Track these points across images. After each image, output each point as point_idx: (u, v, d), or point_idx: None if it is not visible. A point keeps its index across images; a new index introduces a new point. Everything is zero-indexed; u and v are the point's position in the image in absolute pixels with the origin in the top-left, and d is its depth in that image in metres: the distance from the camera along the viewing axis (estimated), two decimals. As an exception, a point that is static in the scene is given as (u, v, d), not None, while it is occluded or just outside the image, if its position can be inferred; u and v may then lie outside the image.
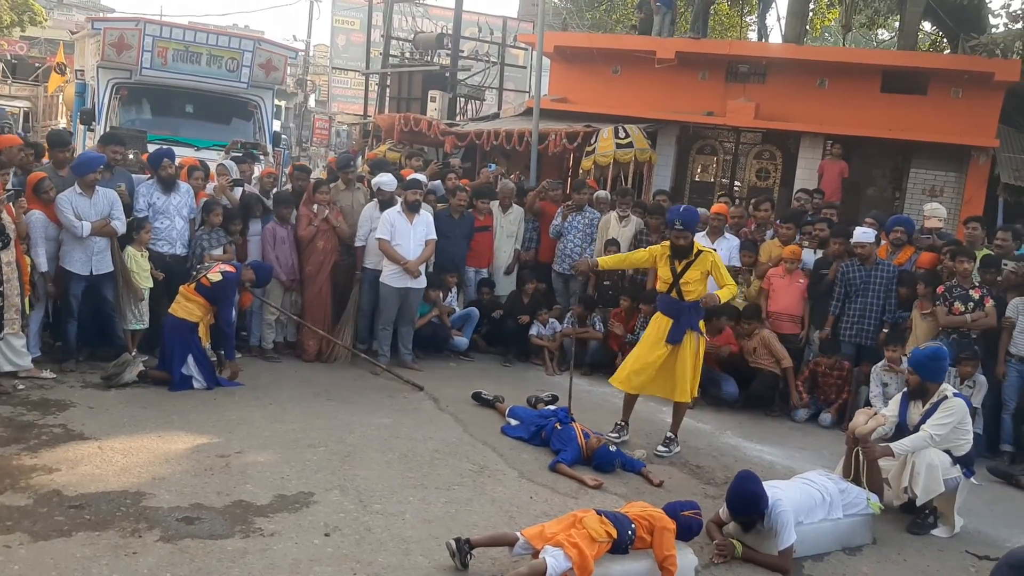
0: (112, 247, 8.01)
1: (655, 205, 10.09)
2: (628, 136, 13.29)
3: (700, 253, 7.04)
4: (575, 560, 4.47)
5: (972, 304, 8.00)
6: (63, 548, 4.60)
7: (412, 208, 8.91)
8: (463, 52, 20.74)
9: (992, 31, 15.01)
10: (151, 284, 8.32)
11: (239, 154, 10.73)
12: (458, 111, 18.85)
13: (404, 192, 9.01)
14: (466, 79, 20.40)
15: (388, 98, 20.45)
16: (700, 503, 5.51)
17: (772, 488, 5.49)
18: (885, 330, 8.61)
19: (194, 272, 8.02)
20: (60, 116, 22.50)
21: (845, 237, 9.04)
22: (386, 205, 9.04)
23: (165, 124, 12.94)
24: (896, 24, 20.30)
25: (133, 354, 7.95)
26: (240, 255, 8.86)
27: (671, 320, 7.05)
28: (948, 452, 6.05)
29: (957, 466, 6.10)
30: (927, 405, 6.17)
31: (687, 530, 5.06)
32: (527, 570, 4.46)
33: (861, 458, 6.08)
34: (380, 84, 21.81)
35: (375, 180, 9.50)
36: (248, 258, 8.88)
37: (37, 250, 7.61)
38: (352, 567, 4.71)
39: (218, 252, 8.60)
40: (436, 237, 9.14)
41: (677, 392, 7.13)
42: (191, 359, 7.64)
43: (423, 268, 9.09)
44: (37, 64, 32.02)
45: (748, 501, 5.32)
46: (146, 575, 4.42)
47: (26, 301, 7.34)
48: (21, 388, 7.26)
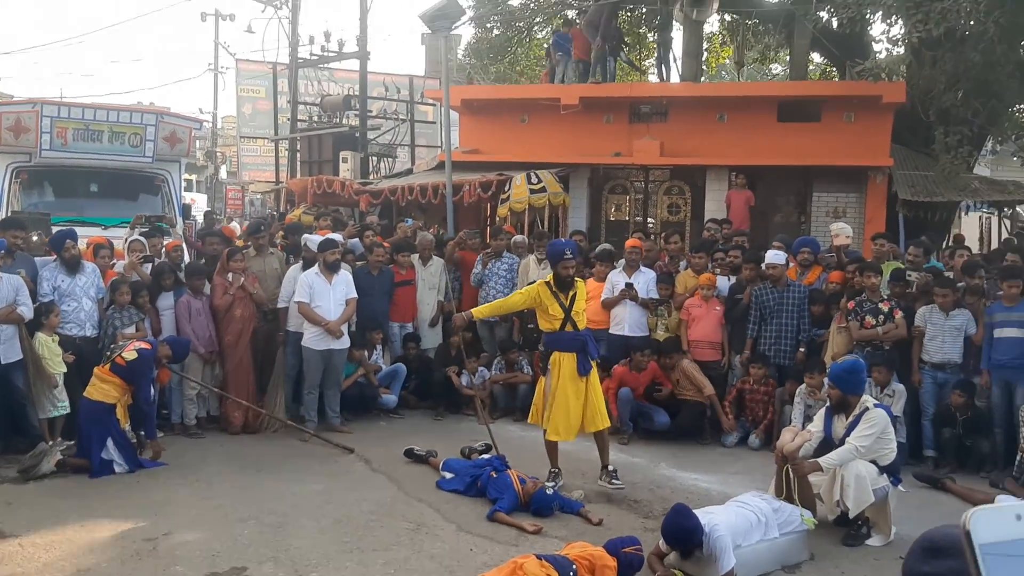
0: (20, 334, 7.74)
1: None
2: (540, 181, 13.47)
3: (576, 281, 7.21)
4: (518, 607, 4.42)
5: (882, 317, 8.28)
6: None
7: (331, 268, 8.85)
8: (371, 112, 20.84)
9: (876, 56, 15.75)
10: (64, 369, 8.05)
11: (145, 229, 10.53)
12: (371, 170, 18.89)
13: (321, 253, 8.94)
14: (376, 138, 20.48)
15: (299, 162, 20.38)
16: (640, 537, 5.54)
17: (708, 514, 5.54)
18: (802, 349, 8.84)
19: (107, 352, 7.80)
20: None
21: (756, 262, 9.30)
22: (311, 264, 8.98)
23: (69, 205, 12.60)
24: (787, 57, 21.14)
25: (50, 443, 7.65)
26: (154, 330, 8.65)
27: (574, 354, 7.10)
28: (875, 462, 6.20)
29: (884, 475, 6.25)
30: (850, 418, 6.33)
31: (628, 566, 5.07)
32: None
33: (791, 475, 6.19)
34: (290, 149, 21.73)
35: (304, 237, 9.41)
36: (163, 333, 8.67)
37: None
38: (291, 640, 4.57)
39: (131, 330, 8.39)
40: (356, 295, 9.08)
41: (598, 421, 7.16)
42: (110, 442, 7.39)
43: (346, 328, 9.00)
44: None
45: (683, 535, 5.36)
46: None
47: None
48: (-71, 490, 6.92)
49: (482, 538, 6.17)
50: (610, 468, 7.38)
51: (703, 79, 17.42)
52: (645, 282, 9.57)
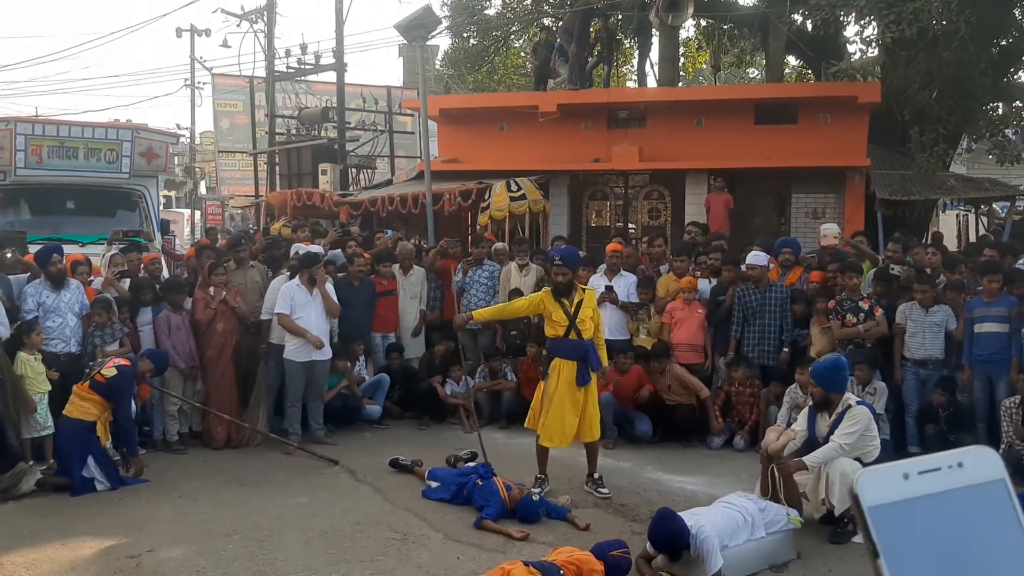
0: (-3, 354, 7.66)
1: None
2: (520, 189, 13.49)
3: (585, 291, 7.19)
4: (506, 613, 4.40)
5: (863, 315, 8.32)
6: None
7: (312, 283, 8.79)
8: (350, 123, 20.80)
9: (850, 57, 15.87)
10: (48, 387, 7.96)
11: (123, 244, 10.45)
12: (351, 182, 18.83)
13: (304, 271, 8.85)
14: (355, 149, 20.43)
15: (279, 176, 20.31)
16: (628, 540, 5.53)
17: (694, 516, 5.54)
18: (785, 349, 8.86)
19: (87, 370, 7.72)
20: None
21: (736, 264, 9.33)
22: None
23: (46, 223, 12.50)
24: (763, 61, 21.29)
25: (30, 463, 7.56)
26: (133, 346, 8.58)
27: (574, 363, 7.08)
28: (859, 460, 6.21)
29: (869, 473, 6.26)
30: (833, 416, 6.34)
31: (616, 569, 5.06)
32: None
33: (777, 475, 6.20)
34: (269, 162, 21.65)
35: (295, 246, 9.35)
36: (142, 348, 8.59)
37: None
38: (277, 653, 4.52)
39: (114, 347, 8.31)
40: (338, 303, 9.04)
41: (593, 433, 7.15)
42: (91, 460, 7.30)
43: (328, 339, 8.95)
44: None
45: (669, 539, 5.36)
46: None
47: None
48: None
49: (469, 546, 6.14)
50: (596, 476, 7.36)
51: (680, 84, 17.53)
52: (626, 286, 9.59)
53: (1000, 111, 15.91)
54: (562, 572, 4.81)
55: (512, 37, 22.54)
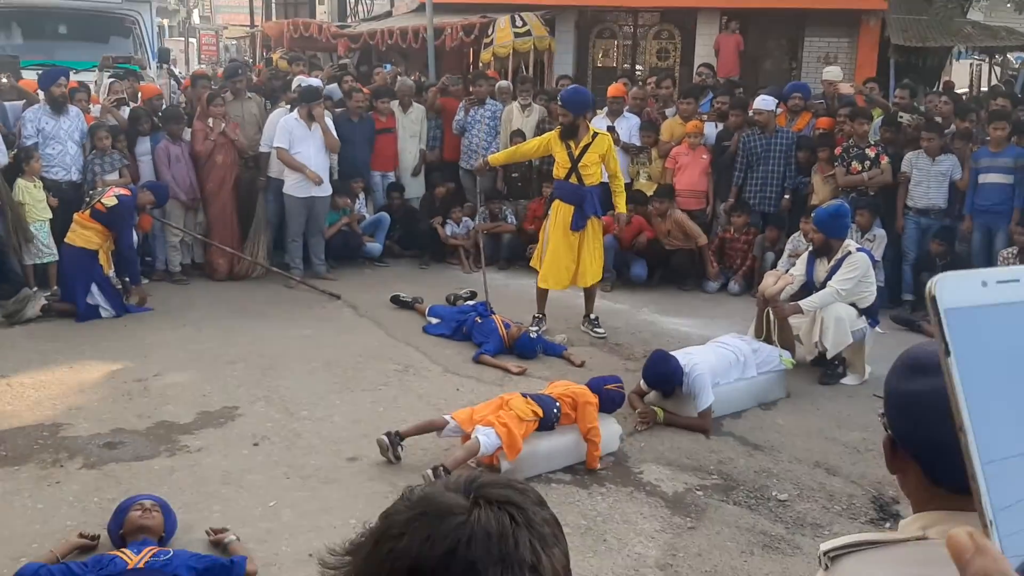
0: (-4, 180, 7.61)
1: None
2: (525, 24, 13.05)
3: (597, 136, 7.01)
4: (504, 439, 4.57)
5: (868, 163, 8.23)
6: (-19, 486, 4.49)
7: (311, 117, 8.63)
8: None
9: None
10: (50, 215, 7.95)
11: (113, 72, 10.22)
12: (348, 12, 18.21)
13: (303, 105, 8.67)
14: (355, -22, 19.66)
15: (274, 4, 19.62)
16: (622, 377, 5.65)
17: (688, 354, 5.67)
18: (787, 196, 8.81)
19: (87, 198, 7.69)
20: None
21: (744, 109, 9.14)
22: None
23: (38, 48, 12.17)
24: None
25: (34, 289, 7.65)
26: (132, 176, 8.50)
27: (572, 207, 7.05)
28: (854, 305, 6.31)
29: (863, 318, 6.38)
30: (832, 262, 6.39)
31: (610, 402, 5.20)
32: (463, 453, 4.55)
33: (772, 317, 6.31)
34: (265, -10, 20.85)
35: (296, 79, 9.10)
36: (141, 179, 8.52)
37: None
38: (284, 471, 4.72)
39: (113, 176, 8.25)
40: (337, 139, 8.92)
41: (588, 278, 7.20)
42: (95, 288, 7.38)
43: (327, 175, 8.88)
44: None
45: (662, 379, 5.52)
46: (72, 502, 4.36)
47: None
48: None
49: (468, 378, 6.31)
50: (593, 317, 7.47)
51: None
52: (628, 127, 9.42)
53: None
54: (558, 404, 4.95)
55: None
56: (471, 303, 7.73)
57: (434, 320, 7.44)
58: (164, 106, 9.47)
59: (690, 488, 4.83)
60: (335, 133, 8.87)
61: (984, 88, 15.66)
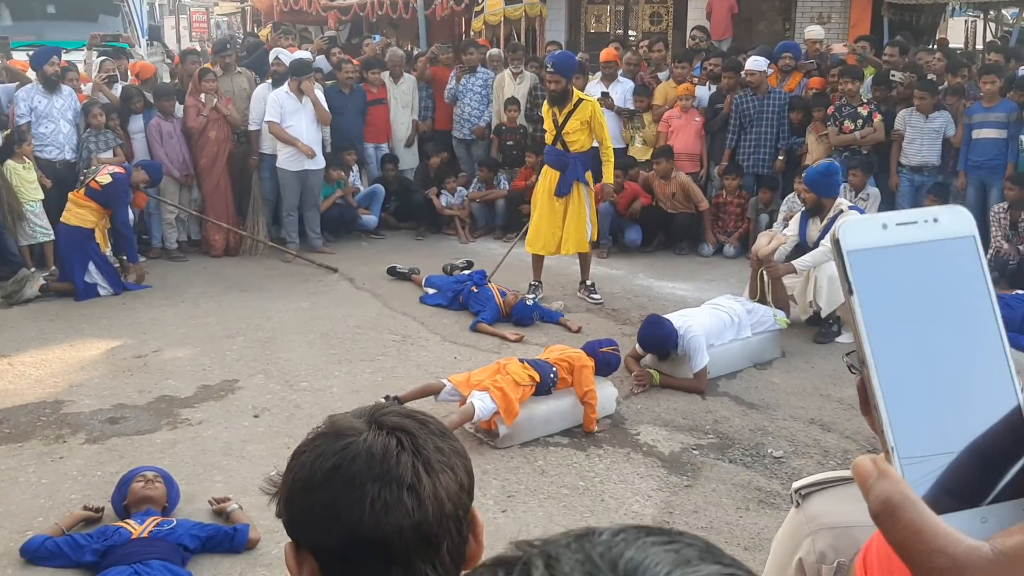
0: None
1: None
2: (516, -9, 12.96)
3: (581, 102, 6.99)
4: (500, 403, 4.62)
5: (861, 121, 8.22)
6: (-15, 463, 4.54)
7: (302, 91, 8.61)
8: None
9: None
10: (41, 195, 7.95)
11: (101, 50, 10.17)
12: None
13: (293, 78, 8.65)
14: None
15: (264, -21, 19.40)
16: (618, 341, 5.70)
17: (683, 316, 5.71)
18: (781, 157, 8.81)
19: (81, 177, 7.70)
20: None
21: (736, 70, 9.11)
22: (281, 82, 8.75)
23: (27, 28, 12.14)
24: None
25: (32, 269, 7.68)
26: (126, 154, 8.50)
27: (558, 173, 7.06)
28: (847, 263, 6.32)
29: (857, 276, 6.39)
30: (824, 221, 6.40)
31: (606, 365, 5.25)
32: (457, 417, 4.60)
33: (766, 278, 6.34)
34: (253, -35, 20.61)
35: (274, 51, 9.06)
36: (134, 157, 8.51)
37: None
38: (284, 442, 4.77)
39: (107, 155, 8.24)
40: (329, 111, 8.91)
41: (571, 245, 7.20)
42: (92, 266, 7.41)
43: (320, 148, 8.87)
44: None
45: (657, 343, 5.57)
46: (76, 476, 4.41)
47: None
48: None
49: (466, 347, 6.35)
50: (589, 283, 7.50)
51: None
52: (622, 92, 9.40)
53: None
54: (554, 368, 5.00)
55: None
56: (467, 272, 7.76)
57: (431, 290, 7.47)
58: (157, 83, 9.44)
59: (686, 448, 4.89)
60: (326, 106, 8.86)
61: (980, 45, 15.59)
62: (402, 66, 10.25)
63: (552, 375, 4.99)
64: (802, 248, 6.47)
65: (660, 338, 5.52)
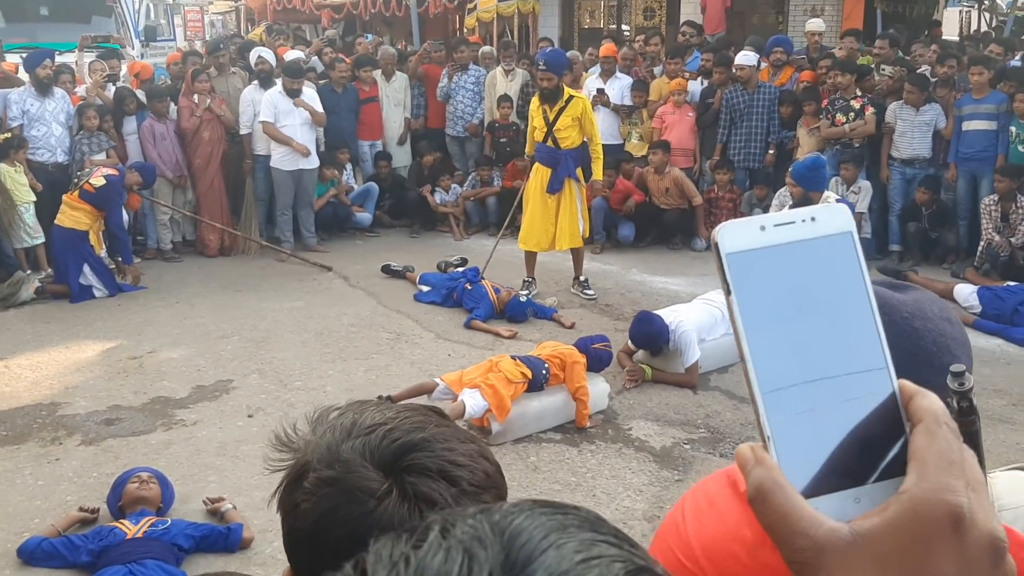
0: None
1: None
2: (508, -12, 12.97)
3: (572, 99, 7.03)
4: (491, 400, 4.65)
5: (853, 114, 8.24)
6: (-19, 465, 4.58)
7: (293, 94, 8.62)
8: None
9: None
10: (33, 197, 7.96)
11: (93, 51, 10.18)
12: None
13: (283, 79, 8.68)
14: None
15: (257, -22, 19.40)
16: (611, 338, 5.74)
17: (674, 312, 5.74)
18: (771, 151, 8.83)
19: (75, 179, 7.72)
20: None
21: (727, 65, 9.13)
22: (267, 82, 8.77)
23: (20, 31, 12.13)
24: None
25: (27, 272, 7.70)
26: (120, 155, 8.52)
27: (550, 170, 7.09)
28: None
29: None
30: (813, 215, 6.41)
31: (598, 361, 5.28)
32: (448, 416, 4.62)
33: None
34: (247, -36, 20.61)
35: (255, 50, 9.07)
36: (128, 158, 8.53)
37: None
38: (278, 442, 4.80)
39: (100, 157, 8.26)
40: (323, 113, 8.93)
41: (564, 242, 7.23)
42: (87, 268, 7.44)
43: (314, 147, 8.90)
44: None
45: (648, 337, 5.59)
46: (72, 478, 4.45)
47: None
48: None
49: (459, 344, 6.38)
50: (582, 279, 7.53)
51: None
52: (620, 88, 9.42)
53: None
54: (547, 365, 5.04)
55: None
56: (461, 270, 7.79)
57: (425, 288, 7.50)
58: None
59: (678, 442, 4.92)
60: (320, 107, 8.88)
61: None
62: (394, 64, 10.27)
63: (544, 371, 5.02)
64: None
65: (651, 334, 5.55)
